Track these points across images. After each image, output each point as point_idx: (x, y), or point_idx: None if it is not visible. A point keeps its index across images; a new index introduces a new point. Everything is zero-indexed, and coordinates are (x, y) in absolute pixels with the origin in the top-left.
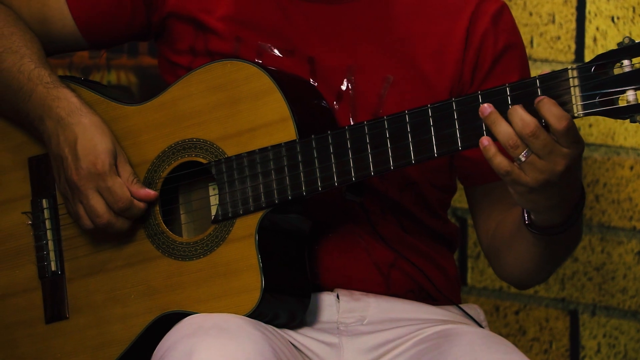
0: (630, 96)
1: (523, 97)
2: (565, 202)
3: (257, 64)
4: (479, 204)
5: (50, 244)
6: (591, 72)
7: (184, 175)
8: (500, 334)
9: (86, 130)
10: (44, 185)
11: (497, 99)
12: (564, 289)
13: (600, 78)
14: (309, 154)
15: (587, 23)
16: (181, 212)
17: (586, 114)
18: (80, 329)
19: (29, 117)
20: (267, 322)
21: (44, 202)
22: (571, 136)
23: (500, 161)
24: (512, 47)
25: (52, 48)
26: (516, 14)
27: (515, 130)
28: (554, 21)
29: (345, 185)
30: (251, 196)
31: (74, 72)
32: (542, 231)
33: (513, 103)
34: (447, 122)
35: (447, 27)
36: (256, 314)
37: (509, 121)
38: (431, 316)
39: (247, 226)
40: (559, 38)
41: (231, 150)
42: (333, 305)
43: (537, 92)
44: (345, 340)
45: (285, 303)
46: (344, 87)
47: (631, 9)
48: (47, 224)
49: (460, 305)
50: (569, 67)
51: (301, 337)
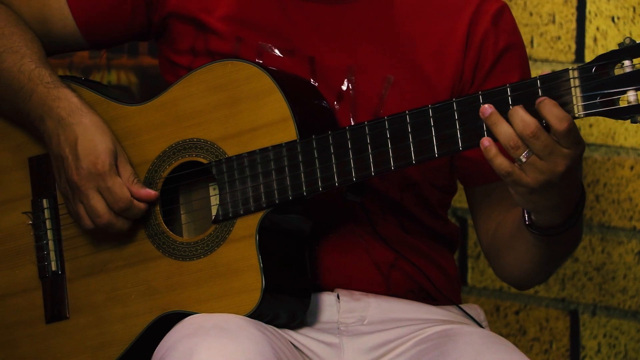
0: (631, 97)
1: (524, 97)
2: (565, 202)
3: (258, 64)
4: (479, 204)
5: (51, 244)
6: (592, 73)
7: (185, 175)
8: (501, 334)
9: (87, 130)
10: (45, 185)
11: (498, 99)
12: (564, 289)
13: (601, 78)
14: (309, 154)
15: (587, 23)
16: (182, 212)
17: (587, 115)
18: (81, 329)
19: (30, 117)
20: (267, 322)
21: (45, 202)
22: (572, 137)
23: (501, 162)
24: (513, 47)
25: (53, 48)
26: (516, 14)
27: (516, 131)
28: (554, 21)
29: (345, 185)
30: (252, 196)
31: (74, 72)
32: (542, 231)
33: (514, 103)
34: (448, 122)
35: (448, 27)
36: (256, 314)
37: (509, 122)
38: (431, 316)
39: (247, 226)
40: (559, 38)
41: (232, 150)
42: (333, 306)
43: (538, 92)
44: (346, 341)
45: (285, 303)
46: (344, 87)
47: (631, 9)
48: (48, 223)
49: (461, 306)
50: (570, 67)
51: (301, 337)
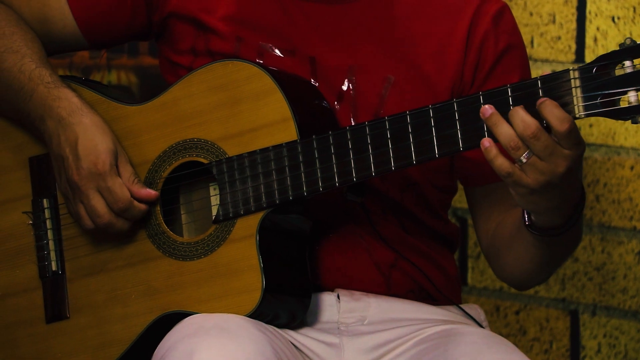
0: (632, 97)
1: (524, 97)
2: (565, 203)
3: (258, 64)
4: (479, 204)
5: (51, 244)
6: (593, 73)
7: (185, 175)
8: (501, 334)
9: (87, 130)
10: (45, 185)
11: (499, 99)
12: (564, 289)
13: (602, 79)
14: (310, 154)
15: (587, 23)
16: (182, 212)
17: (588, 115)
18: (81, 328)
19: (30, 117)
20: (267, 322)
21: (45, 201)
22: (573, 138)
23: (501, 163)
24: (513, 47)
25: (53, 48)
26: (517, 14)
27: (516, 132)
28: (554, 21)
29: (346, 185)
30: (252, 196)
31: (74, 72)
32: (542, 232)
33: (514, 104)
34: (449, 122)
35: (448, 28)
36: (257, 314)
37: (510, 122)
38: (432, 316)
39: (248, 226)
40: (559, 38)
41: (232, 150)
42: (334, 306)
43: (539, 93)
44: (346, 341)
45: (285, 303)
46: (344, 87)
47: (632, 9)
48: (48, 223)
49: (461, 305)
50: (570, 67)
51: (302, 337)
